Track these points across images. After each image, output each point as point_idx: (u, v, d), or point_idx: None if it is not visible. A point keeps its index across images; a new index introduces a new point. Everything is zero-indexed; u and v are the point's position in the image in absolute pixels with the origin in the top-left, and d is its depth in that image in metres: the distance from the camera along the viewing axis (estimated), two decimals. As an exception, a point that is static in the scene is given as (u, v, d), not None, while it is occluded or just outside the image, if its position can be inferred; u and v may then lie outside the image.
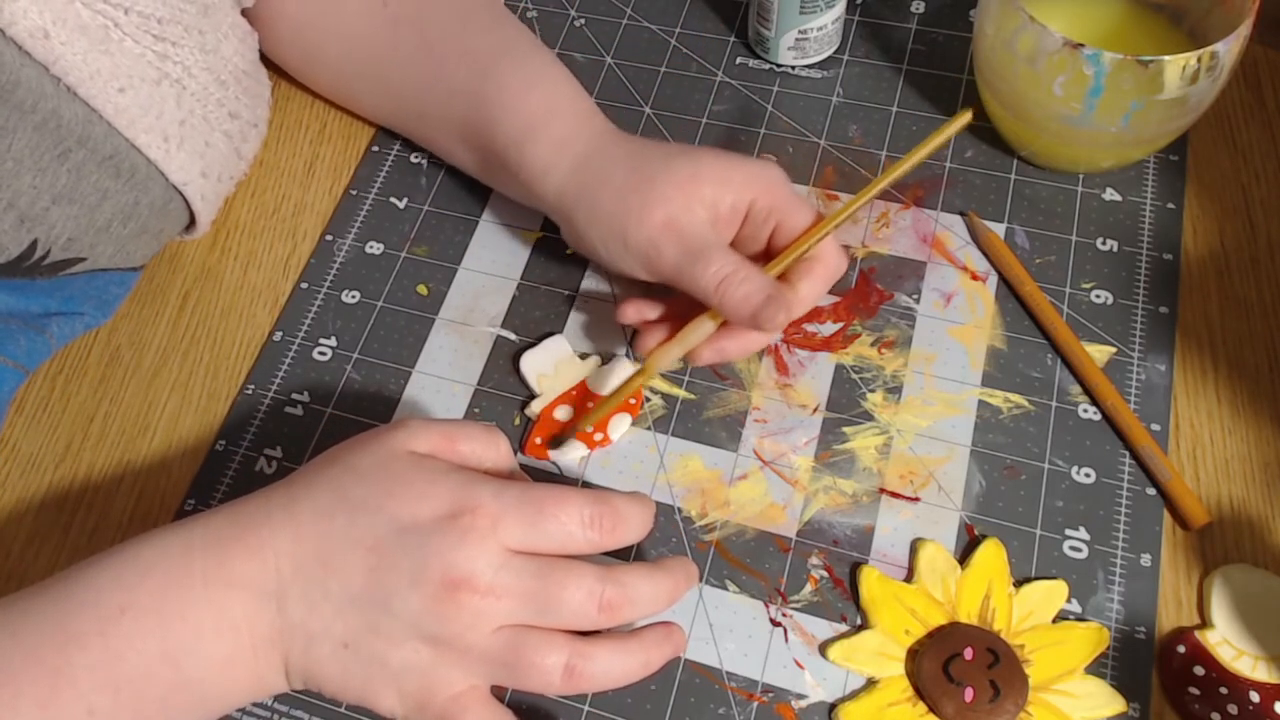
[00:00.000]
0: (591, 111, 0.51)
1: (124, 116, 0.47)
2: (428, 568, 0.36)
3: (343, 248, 0.56)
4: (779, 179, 0.47)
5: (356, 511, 0.38)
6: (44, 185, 0.45)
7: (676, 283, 0.46)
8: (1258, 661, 0.42)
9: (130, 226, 0.50)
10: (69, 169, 0.46)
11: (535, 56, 0.53)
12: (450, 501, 0.37)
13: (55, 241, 0.47)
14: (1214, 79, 0.48)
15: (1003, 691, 0.41)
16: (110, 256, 0.50)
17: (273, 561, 0.38)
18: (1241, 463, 0.47)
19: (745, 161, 0.47)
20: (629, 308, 0.50)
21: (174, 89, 0.49)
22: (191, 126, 0.51)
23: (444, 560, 0.36)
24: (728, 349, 0.47)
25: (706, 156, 0.47)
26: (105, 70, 0.45)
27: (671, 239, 0.45)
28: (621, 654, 0.38)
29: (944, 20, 0.62)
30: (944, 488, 0.47)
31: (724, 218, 0.47)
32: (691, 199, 0.46)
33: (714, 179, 0.46)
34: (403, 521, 0.37)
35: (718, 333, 0.47)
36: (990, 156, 0.56)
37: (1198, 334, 0.50)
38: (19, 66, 0.42)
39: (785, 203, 0.47)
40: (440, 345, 0.53)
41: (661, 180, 0.46)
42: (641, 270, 0.47)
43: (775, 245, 0.48)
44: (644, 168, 0.47)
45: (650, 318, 0.50)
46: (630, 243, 0.47)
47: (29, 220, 0.45)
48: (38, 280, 0.48)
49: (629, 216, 0.46)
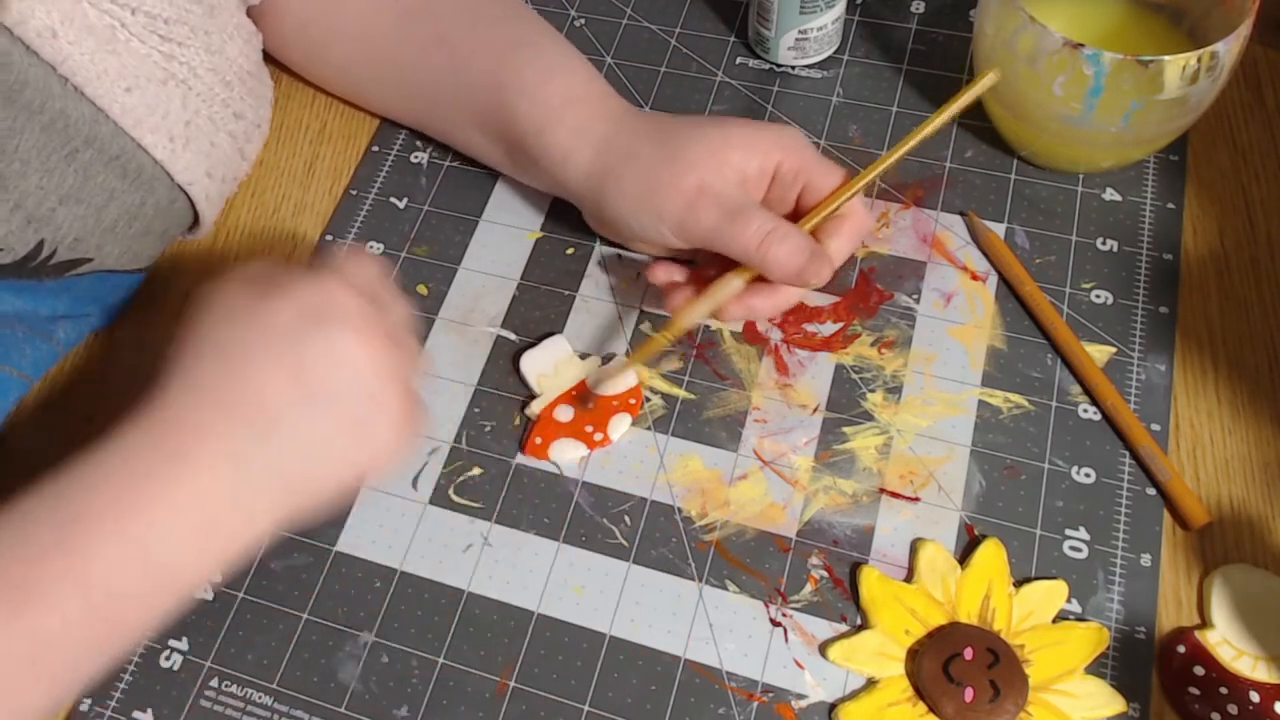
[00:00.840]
0: (609, 94, 0.52)
1: (130, 116, 0.47)
2: (342, 341, 0.40)
3: (343, 248, 0.56)
4: (803, 142, 0.48)
5: (253, 345, 0.40)
6: (51, 185, 0.45)
7: (714, 245, 0.47)
8: (1258, 661, 0.42)
9: (136, 227, 0.50)
10: (76, 169, 0.46)
11: (550, 44, 0.53)
12: (312, 297, 0.41)
13: (62, 241, 0.47)
14: (1214, 79, 0.48)
15: (1003, 691, 0.41)
16: (116, 257, 0.50)
17: (214, 434, 0.39)
18: (1241, 463, 0.47)
19: (769, 127, 0.49)
20: (659, 268, 0.51)
21: (180, 89, 0.49)
22: (197, 127, 0.51)
23: (349, 332, 0.40)
24: (756, 306, 0.48)
25: (731, 124, 0.48)
26: (112, 70, 0.45)
27: (708, 203, 0.46)
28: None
29: (944, 20, 0.62)
30: (944, 488, 0.47)
31: (753, 180, 0.48)
32: (721, 165, 0.47)
33: (741, 144, 0.47)
34: (285, 326, 0.40)
35: (746, 290, 0.47)
36: (990, 156, 0.56)
37: (1198, 334, 0.50)
38: (27, 66, 0.42)
39: (811, 163, 0.48)
40: (440, 345, 0.53)
41: (690, 150, 0.47)
42: (676, 238, 0.48)
43: (803, 206, 0.48)
44: (670, 141, 0.48)
45: (678, 279, 0.50)
46: (664, 213, 0.47)
47: (36, 220, 0.45)
48: (45, 281, 0.48)
49: (661, 188, 0.47)
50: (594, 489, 0.48)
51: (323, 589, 0.46)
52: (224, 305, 0.41)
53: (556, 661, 0.44)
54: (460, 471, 0.49)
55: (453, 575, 0.46)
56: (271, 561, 0.47)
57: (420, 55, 0.55)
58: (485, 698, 0.43)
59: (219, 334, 0.41)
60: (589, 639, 0.44)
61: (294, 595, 0.46)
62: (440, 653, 0.45)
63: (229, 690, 0.44)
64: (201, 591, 0.46)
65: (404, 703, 0.43)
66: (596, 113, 0.50)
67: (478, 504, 0.48)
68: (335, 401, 0.40)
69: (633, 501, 0.48)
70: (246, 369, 0.40)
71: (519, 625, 0.45)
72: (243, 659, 0.45)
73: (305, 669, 0.45)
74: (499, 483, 0.48)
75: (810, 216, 0.47)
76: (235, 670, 0.45)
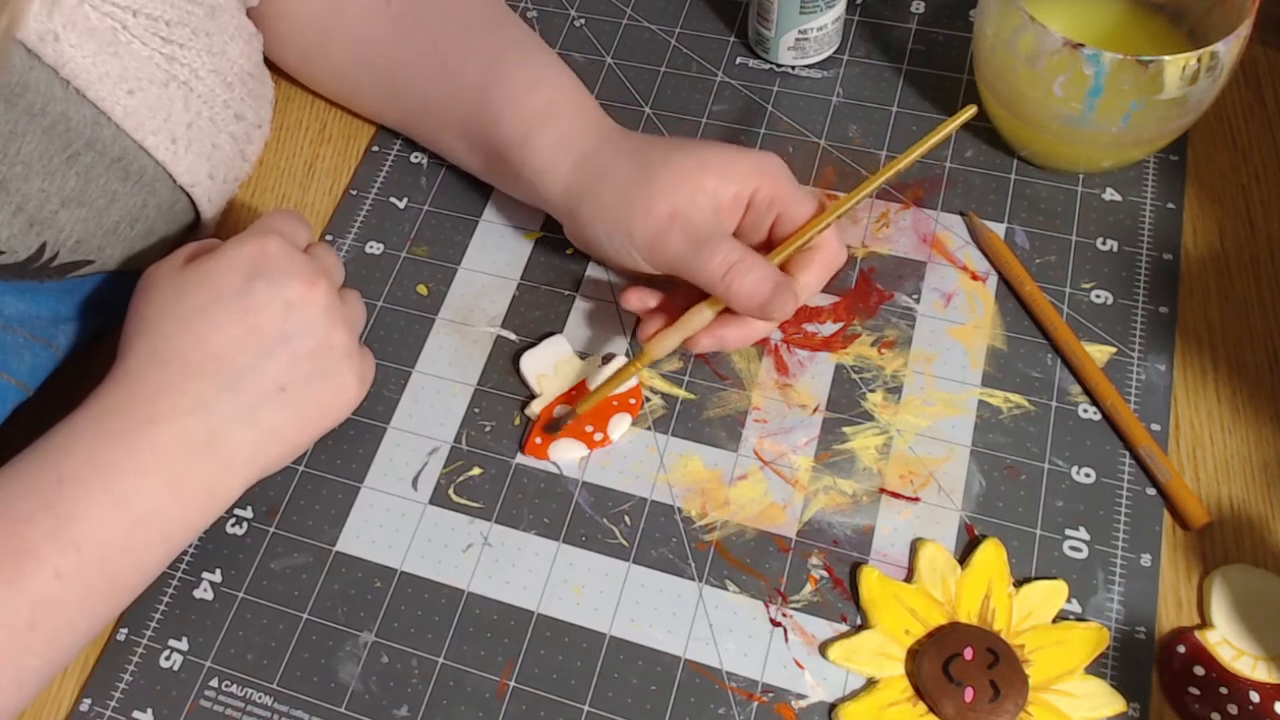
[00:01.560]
0: (593, 108, 0.51)
1: (133, 119, 0.47)
2: (287, 289, 0.43)
3: (343, 248, 0.56)
4: (781, 170, 0.48)
5: (208, 307, 0.42)
6: (53, 188, 0.45)
7: (682, 272, 0.46)
8: (1258, 661, 0.42)
9: (138, 229, 0.50)
10: (78, 172, 0.46)
11: (538, 55, 0.53)
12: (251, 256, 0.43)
13: (64, 244, 0.47)
14: (1214, 79, 0.48)
15: (1003, 691, 0.41)
16: (118, 259, 0.50)
17: (181, 390, 0.41)
18: (1241, 463, 0.47)
19: (748, 153, 0.48)
20: (632, 294, 0.50)
21: (181, 91, 0.49)
22: (199, 128, 0.51)
23: (291, 279, 0.43)
24: (727, 337, 0.48)
25: (709, 149, 0.48)
26: (114, 72, 0.45)
27: (677, 229, 0.46)
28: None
29: (944, 20, 0.62)
30: (944, 488, 0.47)
31: (727, 207, 0.47)
32: (695, 190, 0.46)
33: (717, 170, 0.46)
34: (233, 285, 0.43)
35: (717, 321, 0.47)
36: (990, 156, 0.56)
37: (1198, 334, 0.50)
38: (28, 70, 0.42)
39: (787, 193, 0.47)
40: (440, 345, 0.53)
41: (665, 173, 0.46)
42: (646, 263, 0.48)
43: (776, 236, 0.48)
44: (647, 162, 0.47)
45: (652, 305, 0.50)
46: (635, 235, 0.47)
47: (38, 224, 0.45)
48: (47, 283, 0.48)
49: (633, 209, 0.47)
50: (594, 489, 0.48)
51: (323, 589, 0.46)
52: (173, 280, 0.43)
53: (556, 661, 0.44)
54: (460, 471, 0.49)
55: (453, 575, 0.46)
56: (271, 561, 0.47)
57: (413, 61, 0.55)
58: (485, 698, 0.43)
59: (173, 304, 0.43)
60: (589, 639, 0.44)
61: (294, 595, 0.46)
62: (440, 653, 0.45)
63: (229, 690, 0.44)
64: (201, 590, 0.46)
65: (404, 703, 0.43)
66: (579, 128, 0.50)
67: (478, 504, 0.48)
68: (290, 343, 0.43)
69: (633, 501, 0.48)
70: (204, 329, 0.42)
71: (519, 625, 0.45)
72: (243, 659, 0.45)
73: (305, 669, 0.45)
74: (499, 483, 0.48)
75: (780, 249, 0.46)
76: (235, 670, 0.45)
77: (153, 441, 0.41)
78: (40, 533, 0.38)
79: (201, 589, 0.47)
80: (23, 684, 0.38)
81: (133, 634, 0.46)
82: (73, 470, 0.40)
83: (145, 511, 0.40)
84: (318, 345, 0.43)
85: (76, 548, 0.39)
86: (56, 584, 0.38)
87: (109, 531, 0.40)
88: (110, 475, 0.40)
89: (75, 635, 0.40)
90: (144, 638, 0.46)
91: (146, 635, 0.46)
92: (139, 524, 0.40)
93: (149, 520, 0.41)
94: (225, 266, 0.43)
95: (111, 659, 0.45)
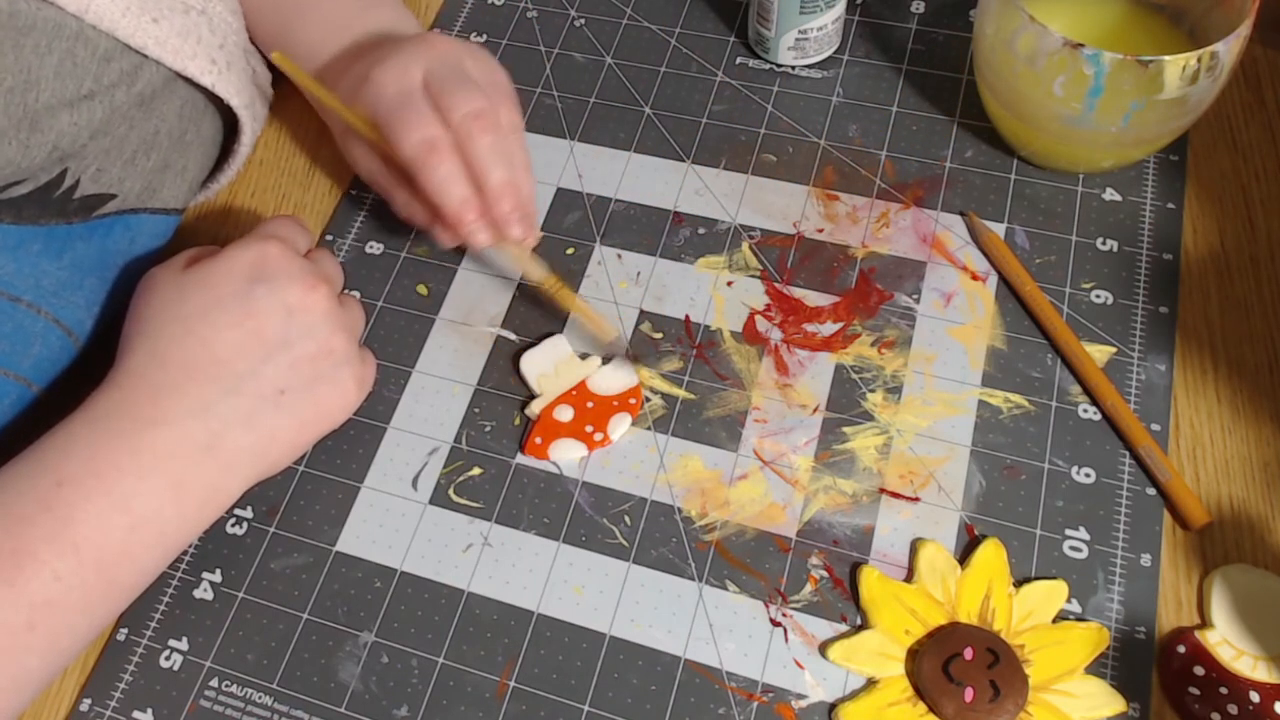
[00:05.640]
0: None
1: (166, 47, 0.49)
2: (288, 294, 0.43)
3: (343, 248, 0.56)
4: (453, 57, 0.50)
5: (209, 310, 0.43)
6: (82, 120, 0.46)
7: (382, 123, 0.49)
8: (1258, 661, 0.42)
9: (154, 159, 0.51)
10: (102, 102, 0.47)
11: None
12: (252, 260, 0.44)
13: (85, 171, 0.48)
14: (1214, 79, 0.48)
15: (1003, 691, 0.41)
16: (138, 194, 0.51)
17: (181, 393, 0.42)
18: (1241, 463, 0.47)
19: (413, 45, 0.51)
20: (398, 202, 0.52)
21: (202, 18, 0.51)
22: (229, 50, 0.53)
23: (292, 284, 0.44)
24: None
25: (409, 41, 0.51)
26: (135, 5, 0.47)
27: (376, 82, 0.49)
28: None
29: (944, 20, 0.62)
30: (944, 488, 0.47)
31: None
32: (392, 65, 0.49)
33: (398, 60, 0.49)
34: (234, 288, 0.43)
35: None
36: (990, 156, 0.56)
37: (1198, 334, 0.50)
38: (35, 10, 0.43)
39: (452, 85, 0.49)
40: (440, 345, 0.53)
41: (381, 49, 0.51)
42: (361, 116, 0.50)
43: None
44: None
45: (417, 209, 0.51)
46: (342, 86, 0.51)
47: (59, 148, 0.46)
48: (75, 225, 0.49)
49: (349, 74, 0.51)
50: (594, 489, 0.48)
51: (323, 589, 0.46)
52: (174, 283, 0.44)
53: (556, 661, 0.44)
54: (460, 471, 0.49)
55: (453, 575, 0.46)
56: (271, 562, 0.47)
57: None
58: (485, 698, 0.43)
59: (173, 307, 0.43)
60: (589, 639, 0.44)
61: (294, 595, 0.46)
62: (440, 653, 0.45)
63: (229, 690, 0.44)
64: (201, 591, 0.46)
65: (404, 703, 0.44)
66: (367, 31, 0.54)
67: (478, 504, 0.48)
68: (290, 347, 0.43)
69: (633, 501, 0.48)
70: (204, 332, 0.43)
71: (519, 625, 0.45)
72: (243, 659, 0.45)
73: (305, 669, 0.45)
74: (499, 483, 0.48)
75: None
76: (235, 670, 0.45)
77: (152, 444, 0.41)
78: (39, 535, 0.39)
79: (201, 589, 0.47)
80: (22, 685, 0.39)
81: (133, 634, 0.46)
82: (72, 472, 0.40)
83: (144, 513, 0.41)
84: (317, 350, 0.44)
85: (75, 550, 0.39)
86: (56, 586, 0.38)
87: (108, 534, 0.40)
88: (109, 477, 0.40)
89: (74, 636, 0.40)
90: (144, 638, 0.46)
91: (146, 635, 0.46)
92: (138, 526, 0.40)
93: (148, 522, 0.41)
94: (226, 270, 0.44)
95: (111, 659, 0.45)
